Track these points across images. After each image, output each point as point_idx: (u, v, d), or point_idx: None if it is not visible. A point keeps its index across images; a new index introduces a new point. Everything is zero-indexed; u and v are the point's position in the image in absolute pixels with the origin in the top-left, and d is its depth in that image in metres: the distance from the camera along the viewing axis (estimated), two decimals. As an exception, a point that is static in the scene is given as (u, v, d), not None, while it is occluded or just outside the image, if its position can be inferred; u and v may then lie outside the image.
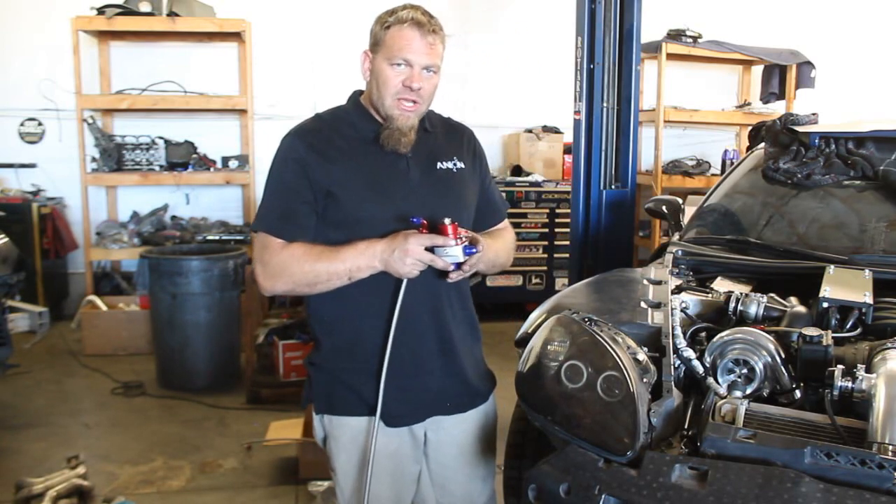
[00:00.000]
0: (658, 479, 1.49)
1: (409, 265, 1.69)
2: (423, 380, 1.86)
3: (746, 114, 6.43)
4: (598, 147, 3.84)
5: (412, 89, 1.75)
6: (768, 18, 6.85)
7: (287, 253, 1.76)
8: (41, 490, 3.02)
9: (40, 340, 4.88)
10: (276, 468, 3.46)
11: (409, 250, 1.68)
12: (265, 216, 1.81)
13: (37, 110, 6.06)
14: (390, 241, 1.71)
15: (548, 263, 6.18)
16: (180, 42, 6.08)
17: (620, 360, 1.66)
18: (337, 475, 1.90)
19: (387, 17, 1.76)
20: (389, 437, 1.83)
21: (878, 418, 1.49)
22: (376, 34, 1.78)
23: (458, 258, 1.71)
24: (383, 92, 1.77)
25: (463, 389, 1.93)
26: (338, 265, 1.72)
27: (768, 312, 2.02)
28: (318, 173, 1.76)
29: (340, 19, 6.22)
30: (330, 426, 1.88)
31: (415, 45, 1.73)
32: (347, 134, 1.83)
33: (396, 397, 1.81)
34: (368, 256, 1.72)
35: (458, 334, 1.91)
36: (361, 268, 1.73)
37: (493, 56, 6.54)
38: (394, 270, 1.72)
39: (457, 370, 1.91)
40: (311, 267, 1.74)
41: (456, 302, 1.91)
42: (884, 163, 2.66)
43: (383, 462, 1.83)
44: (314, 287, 1.77)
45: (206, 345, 4.55)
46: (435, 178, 1.86)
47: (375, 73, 1.78)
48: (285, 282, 1.78)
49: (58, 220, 5.87)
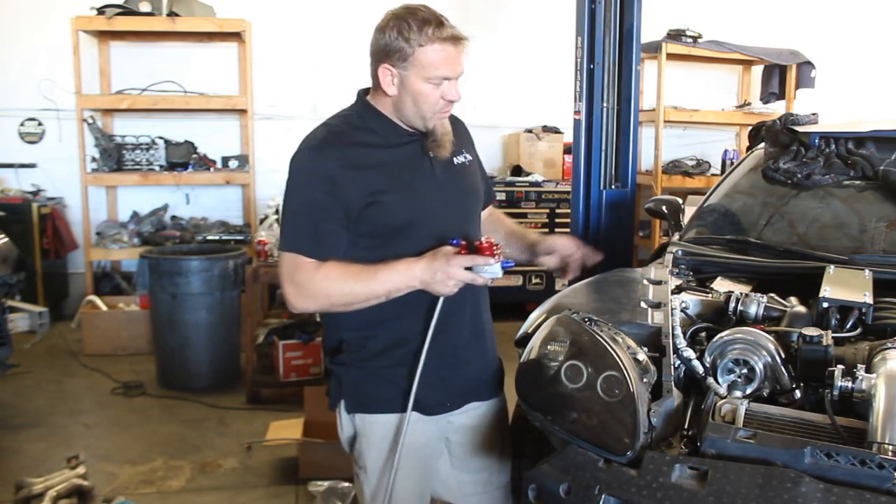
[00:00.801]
0: (658, 479, 1.49)
1: (452, 286, 1.72)
2: (461, 369, 1.91)
3: (746, 114, 6.43)
4: (598, 147, 3.84)
5: (453, 102, 1.77)
6: (768, 18, 6.85)
7: (322, 274, 1.72)
8: (41, 490, 3.02)
9: (40, 340, 4.88)
10: (276, 468, 3.46)
11: (451, 273, 1.69)
12: (295, 236, 1.75)
13: (37, 110, 6.06)
14: (430, 262, 1.71)
15: (548, 263, 6.17)
16: (180, 42, 6.07)
17: (620, 360, 1.66)
18: (367, 473, 1.89)
19: (411, 34, 1.68)
20: (419, 432, 1.85)
21: (878, 418, 1.49)
22: (402, 50, 1.69)
23: (498, 274, 1.72)
24: (424, 109, 1.75)
25: (493, 374, 2.02)
26: (376, 286, 1.72)
27: (768, 312, 2.02)
28: (352, 188, 1.72)
29: (340, 19, 6.22)
30: (362, 424, 1.87)
31: (455, 62, 1.73)
32: (369, 140, 1.79)
33: (437, 387, 1.85)
34: (408, 277, 1.72)
35: (487, 320, 2.01)
36: (400, 288, 1.73)
37: (493, 56, 6.53)
38: (434, 291, 1.73)
39: (488, 355, 2.00)
40: (350, 289, 1.72)
41: (485, 289, 1.97)
42: (884, 163, 2.66)
43: (411, 457, 1.84)
44: (350, 307, 1.77)
45: (206, 345, 4.55)
46: (455, 174, 1.89)
47: (410, 91, 1.73)
48: (320, 303, 1.77)
49: (58, 220, 5.86)
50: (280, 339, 4.40)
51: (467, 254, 1.71)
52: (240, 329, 4.72)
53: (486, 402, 2.01)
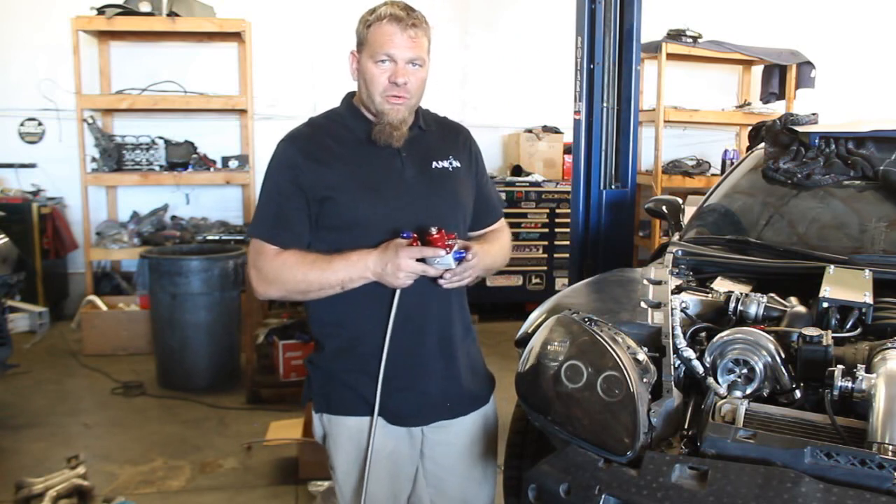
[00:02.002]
0: (658, 479, 1.49)
1: (402, 278, 1.72)
2: (425, 382, 1.86)
3: (746, 114, 6.43)
4: (598, 147, 3.84)
5: (398, 84, 1.76)
6: (768, 18, 6.85)
7: (280, 260, 1.77)
8: (41, 490, 3.02)
9: (40, 340, 4.88)
10: (276, 468, 3.46)
11: (401, 265, 1.70)
12: (259, 222, 1.82)
13: (37, 110, 6.06)
14: (381, 255, 1.72)
15: (548, 263, 6.18)
16: (180, 42, 6.08)
17: (620, 360, 1.66)
18: (336, 473, 1.90)
19: (368, 16, 1.78)
20: (388, 437, 1.84)
21: (878, 418, 1.49)
22: (360, 33, 1.80)
23: (450, 265, 1.73)
24: (371, 90, 1.78)
25: (462, 392, 1.93)
26: (329, 276, 1.74)
27: (768, 312, 2.02)
28: (311, 179, 1.77)
29: (340, 19, 6.18)
30: (329, 425, 1.88)
31: (396, 39, 1.74)
32: (341, 135, 1.84)
33: (398, 398, 1.82)
34: (360, 268, 1.74)
35: (458, 335, 1.92)
36: (354, 279, 1.75)
37: (493, 56, 6.54)
38: (387, 283, 1.74)
39: (456, 373, 1.91)
40: (303, 276, 1.75)
41: (455, 302, 1.92)
42: (884, 163, 2.66)
43: (381, 462, 1.83)
44: (306, 295, 1.80)
45: (206, 345, 4.55)
46: (429, 177, 1.87)
47: (362, 73, 1.80)
48: (278, 289, 1.80)
49: (58, 220, 5.87)
50: (280, 339, 4.40)
51: (419, 245, 1.71)
52: (240, 329, 4.72)
53: (459, 420, 1.93)
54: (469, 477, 1.98)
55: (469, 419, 1.96)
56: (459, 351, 1.92)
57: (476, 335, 2.03)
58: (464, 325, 1.96)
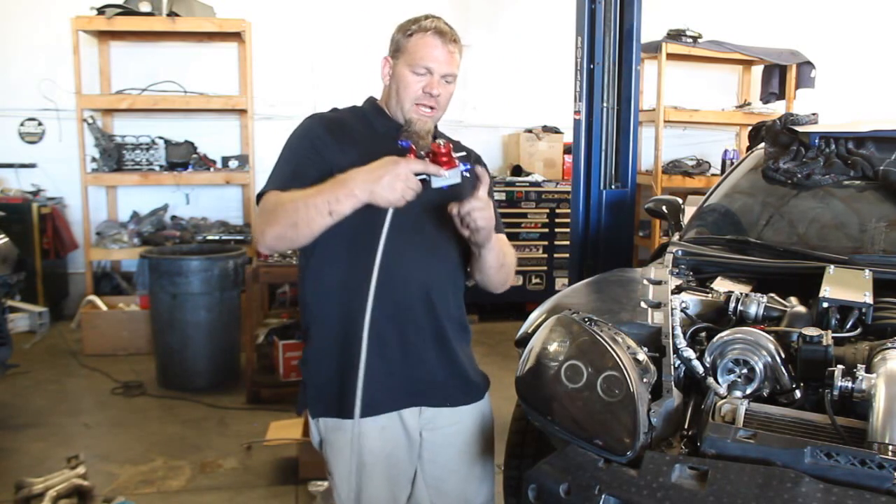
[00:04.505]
0: (658, 479, 1.49)
1: (401, 190, 1.61)
2: (415, 368, 1.84)
3: (746, 114, 6.43)
4: (598, 147, 3.84)
5: (431, 95, 1.81)
6: (768, 18, 6.86)
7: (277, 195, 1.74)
8: (41, 490, 3.01)
9: (40, 340, 4.86)
10: (276, 468, 3.46)
11: (400, 172, 1.60)
12: (274, 178, 1.81)
13: (37, 110, 6.06)
14: (374, 168, 1.64)
15: (548, 263, 6.19)
16: (180, 42, 6.08)
17: (620, 360, 1.66)
18: (334, 479, 1.88)
19: (410, 26, 1.84)
20: (385, 440, 1.83)
21: (878, 418, 1.49)
22: (398, 41, 1.85)
23: (456, 179, 1.66)
24: (403, 96, 1.83)
25: (458, 382, 1.91)
26: (316, 197, 1.65)
27: (768, 312, 2.02)
28: (328, 153, 1.80)
29: (340, 19, 6.23)
30: (325, 430, 1.87)
31: (436, 53, 1.81)
32: (362, 127, 1.90)
33: (382, 382, 1.79)
34: (347, 186, 1.64)
35: (452, 330, 1.90)
36: (340, 199, 1.63)
37: (493, 56, 6.54)
38: (381, 198, 1.62)
39: (451, 361, 1.89)
40: (291, 203, 1.68)
41: (451, 295, 1.90)
42: (884, 163, 2.66)
43: (379, 465, 1.82)
44: (297, 228, 1.68)
45: (206, 345, 4.55)
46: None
47: (396, 79, 1.85)
48: (272, 226, 1.71)
49: (58, 220, 5.87)
50: (280, 339, 4.39)
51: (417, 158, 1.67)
52: (240, 329, 4.72)
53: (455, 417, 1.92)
54: (469, 476, 1.98)
55: (465, 416, 1.95)
56: (454, 342, 1.90)
57: (471, 336, 2.01)
58: (460, 325, 1.95)
